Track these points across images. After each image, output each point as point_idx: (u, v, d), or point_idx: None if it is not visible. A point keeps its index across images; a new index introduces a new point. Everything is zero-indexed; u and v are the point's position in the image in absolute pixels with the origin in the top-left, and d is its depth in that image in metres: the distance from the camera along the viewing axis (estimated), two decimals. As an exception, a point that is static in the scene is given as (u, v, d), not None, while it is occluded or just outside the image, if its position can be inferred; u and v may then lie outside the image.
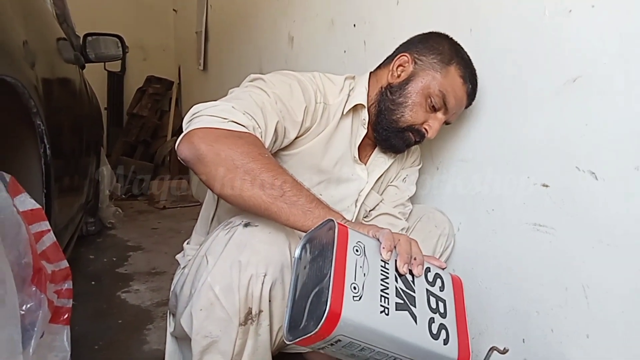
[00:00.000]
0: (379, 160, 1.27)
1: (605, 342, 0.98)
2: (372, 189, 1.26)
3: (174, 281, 1.18)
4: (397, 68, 1.18)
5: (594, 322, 0.99)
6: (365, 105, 1.18)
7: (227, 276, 0.92)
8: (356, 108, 1.19)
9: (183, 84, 4.62)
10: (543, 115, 1.09)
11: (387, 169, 1.28)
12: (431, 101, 1.14)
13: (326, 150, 1.16)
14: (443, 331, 0.79)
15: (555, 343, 1.07)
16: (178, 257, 1.27)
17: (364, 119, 1.18)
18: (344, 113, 1.17)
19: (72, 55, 2.00)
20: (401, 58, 1.18)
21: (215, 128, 0.91)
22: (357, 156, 1.21)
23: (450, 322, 0.82)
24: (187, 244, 1.28)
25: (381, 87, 1.19)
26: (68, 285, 0.95)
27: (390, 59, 1.22)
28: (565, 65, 1.03)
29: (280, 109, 1.04)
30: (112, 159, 4.21)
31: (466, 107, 1.22)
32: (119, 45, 2.44)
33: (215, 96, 1.08)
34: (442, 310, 0.82)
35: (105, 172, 2.79)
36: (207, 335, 0.95)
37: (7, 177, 0.85)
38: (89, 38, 2.29)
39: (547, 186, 1.08)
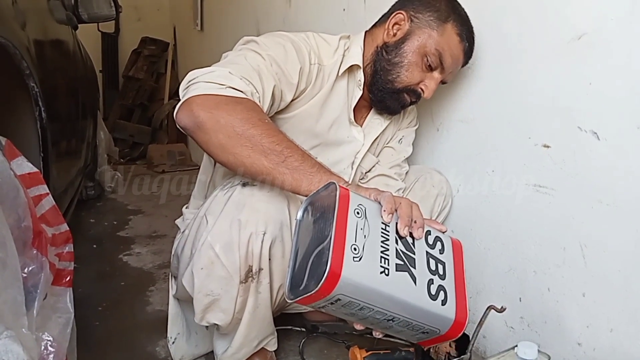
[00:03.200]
0: (375, 122, 1.26)
1: (602, 300, 0.99)
2: (368, 150, 1.25)
3: (175, 244, 1.19)
4: (392, 26, 1.15)
5: (591, 281, 1.01)
6: (361, 65, 1.15)
7: (227, 235, 0.93)
8: (351, 69, 1.16)
9: (179, 45, 4.53)
10: (546, 74, 1.07)
11: (383, 131, 1.27)
12: (427, 60, 1.12)
13: (321, 113, 1.14)
14: (442, 292, 0.80)
15: (552, 301, 1.09)
16: (177, 221, 1.27)
17: (360, 80, 1.16)
18: (339, 74, 1.14)
19: (64, 16, 1.94)
20: (397, 16, 1.15)
21: (214, 95, 0.90)
22: (352, 118, 1.19)
23: (449, 283, 0.83)
24: (186, 208, 1.28)
25: (377, 47, 1.16)
26: (69, 248, 0.95)
27: (386, 17, 1.19)
28: (571, 22, 1.00)
29: (276, 71, 1.02)
30: (109, 122, 4.17)
31: (463, 66, 1.19)
32: (112, 4, 2.37)
33: (212, 57, 1.06)
34: (441, 272, 0.83)
35: (102, 135, 2.77)
36: (209, 293, 0.96)
37: (3, 140, 0.84)
38: (81, -3, 2.22)
39: (548, 147, 1.07)
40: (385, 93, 1.16)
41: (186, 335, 1.22)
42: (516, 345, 0.98)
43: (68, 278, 0.93)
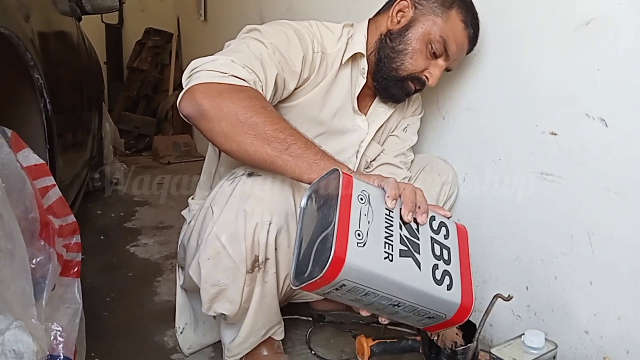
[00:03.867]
0: (379, 111, 1.25)
1: (609, 288, 0.99)
2: (372, 139, 1.24)
3: (181, 235, 1.19)
4: (396, 13, 1.14)
5: (598, 269, 1.00)
6: (365, 53, 1.15)
7: (233, 225, 0.93)
8: (355, 57, 1.15)
9: (183, 35, 4.51)
10: (553, 61, 1.06)
11: (388, 119, 1.26)
12: (432, 47, 1.11)
13: (325, 101, 1.14)
14: (447, 277, 0.81)
15: (559, 290, 1.09)
16: (184, 212, 1.28)
17: (363, 68, 1.15)
18: (343, 62, 1.14)
19: (68, 7, 1.94)
20: (401, 3, 1.14)
21: (216, 83, 0.89)
22: (356, 107, 1.19)
23: (454, 268, 0.83)
24: (192, 199, 1.28)
25: (380, 34, 1.15)
26: (76, 239, 0.96)
27: (389, 4, 1.17)
28: (579, 7, 0.99)
29: (279, 59, 1.02)
30: (114, 114, 4.17)
31: (467, 53, 1.18)
32: (115, -5, 2.37)
33: (216, 47, 1.05)
34: (446, 257, 0.83)
35: (108, 127, 2.78)
36: (215, 283, 0.97)
37: (9, 132, 0.84)
38: (84, -12, 2.21)
39: (555, 134, 1.06)
40: (389, 81, 1.15)
41: (194, 325, 1.23)
42: (523, 334, 0.98)
43: (76, 269, 0.94)
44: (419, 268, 0.78)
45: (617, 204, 0.95)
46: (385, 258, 0.75)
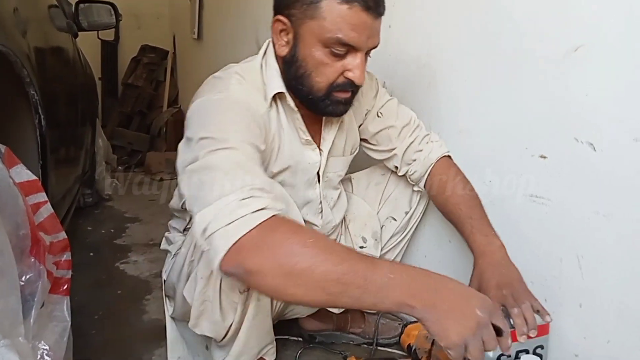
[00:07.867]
0: (328, 127, 1.14)
1: (598, 311, 0.99)
2: (330, 155, 1.15)
3: (167, 267, 1.17)
4: (279, 37, 1.00)
5: (587, 292, 1.01)
6: (284, 90, 1.02)
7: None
8: (280, 96, 1.04)
9: (178, 53, 4.55)
10: (542, 85, 1.08)
11: (340, 128, 1.16)
12: (332, 52, 0.95)
13: (283, 153, 1.06)
14: None
15: (549, 312, 1.09)
16: (163, 247, 1.23)
17: (290, 104, 1.04)
18: (271, 109, 1.03)
19: (65, 23, 1.95)
20: (275, 26, 1.00)
21: (247, 235, 0.76)
22: (309, 138, 1.09)
23: None
24: (169, 233, 1.24)
25: (280, 64, 1.03)
26: (67, 256, 0.96)
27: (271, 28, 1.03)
28: (567, 34, 1.01)
29: (254, 154, 0.89)
30: (108, 130, 4.17)
31: (382, 15, 0.97)
32: (112, 12, 2.39)
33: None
34: None
35: (101, 143, 2.77)
36: (206, 299, 0.97)
37: (2, 148, 0.85)
38: (81, 5, 2.23)
39: (545, 157, 1.08)
40: (316, 102, 1.02)
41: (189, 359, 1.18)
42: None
43: (65, 286, 0.93)
44: None
45: (605, 227, 0.96)
46: None
